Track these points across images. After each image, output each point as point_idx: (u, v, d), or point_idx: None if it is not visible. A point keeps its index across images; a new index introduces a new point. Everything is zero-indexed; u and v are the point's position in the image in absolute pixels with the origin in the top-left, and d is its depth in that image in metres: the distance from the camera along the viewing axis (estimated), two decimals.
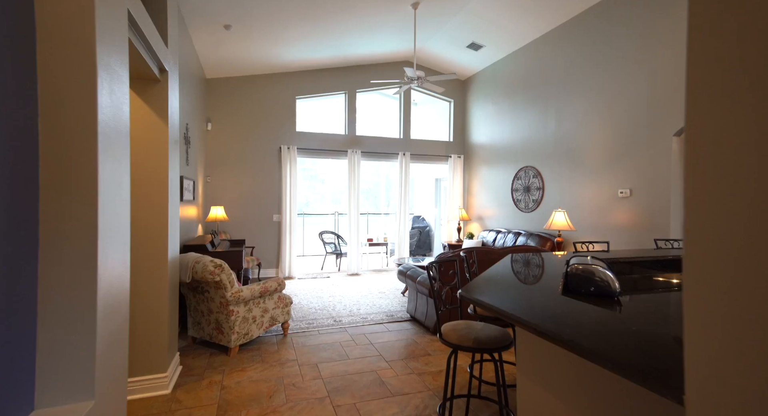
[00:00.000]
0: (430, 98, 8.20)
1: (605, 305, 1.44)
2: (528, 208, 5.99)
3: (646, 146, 4.13)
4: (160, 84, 2.46)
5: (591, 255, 2.25)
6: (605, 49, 4.63)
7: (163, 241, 2.49)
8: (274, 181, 6.69)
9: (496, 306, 1.28)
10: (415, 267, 4.37)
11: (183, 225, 4.19)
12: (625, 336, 1.03)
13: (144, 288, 2.44)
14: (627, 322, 1.19)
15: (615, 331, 1.07)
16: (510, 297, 1.42)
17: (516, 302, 1.35)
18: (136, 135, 2.39)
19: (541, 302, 1.38)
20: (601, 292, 1.72)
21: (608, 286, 1.71)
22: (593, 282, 1.75)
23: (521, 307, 1.28)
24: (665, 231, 3.89)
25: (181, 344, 3.41)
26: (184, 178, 4.10)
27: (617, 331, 1.08)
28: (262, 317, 3.38)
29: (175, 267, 2.78)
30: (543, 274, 1.91)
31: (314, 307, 4.71)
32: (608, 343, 0.95)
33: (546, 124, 5.65)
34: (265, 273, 6.63)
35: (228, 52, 5.46)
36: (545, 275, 1.90)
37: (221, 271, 3.04)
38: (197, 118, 5.28)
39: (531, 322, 1.11)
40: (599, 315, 1.22)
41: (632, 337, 1.02)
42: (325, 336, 3.68)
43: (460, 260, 2.66)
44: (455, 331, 1.78)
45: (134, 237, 2.39)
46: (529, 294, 1.48)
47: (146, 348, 2.45)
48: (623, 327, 1.13)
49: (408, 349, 3.36)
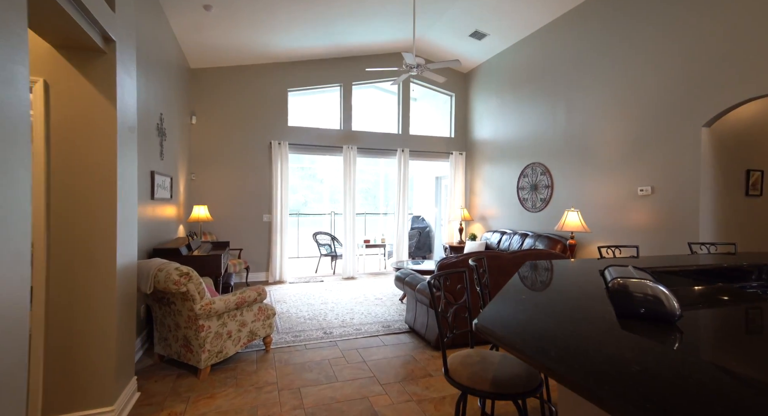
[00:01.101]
0: (429, 92, 7.78)
1: (670, 337, 1.02)
2: (535, 207, 5.57)
3: (669, 139, 3.72)
4: (105, 57, 2.04)
5: (630, 264, 1.84)
6: (620, 35, 4.22)
7: (109, 246, 2.07)
8: (265, 179, 6.27)
9: (533, 354, 0.86)
10: (414, 273, 3.95)
11: (156, 226, 3.77)
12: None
13: (83, 304, 2.02)
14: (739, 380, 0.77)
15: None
16: (545, 328, 1.00)
17: (556, 338, 0.93)
18: (70, 117, 1.97)
19: (591, 335, 0.96)
20: (654, 315, 1.31)
21: (664, 307, 1.30)
22: (644, 302, 1.34)
23: (567, 351, 0.86)
24: (693, 233, 3.47)
25: (146, 363, 2.99)
26: (157, 173, 3.68)
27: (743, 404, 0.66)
28: (239, 332, 2.96)
29: (130, 277, 2.36)
30: (577, 290, 1.50)
31: (303, 316, 4.28)
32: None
33: (555, 118, 5.23)
34: (254, 277, 6.20)
35: (211, 38, 5.03)
36: (580, 290, 1.48)
37: (188, 280, 2.61)
38: (178, 109, 4.86)
39: (596, 392, 0.69)
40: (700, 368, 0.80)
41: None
42: (313, 352, 3.26)
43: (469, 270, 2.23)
44: (466, 366, 1.36)
45: (66, 243, 1.97)
46: (571, 326, 1.06)
47: (87, 377, 2.02)
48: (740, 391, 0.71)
49: (406, 369, 2.94)
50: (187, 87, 5.61)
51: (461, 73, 7.45)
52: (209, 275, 3.62)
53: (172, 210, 4.47)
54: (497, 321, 1.04)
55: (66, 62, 1.97)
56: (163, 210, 4.02)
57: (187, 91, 5.60)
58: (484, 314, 1.10)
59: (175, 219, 4.71)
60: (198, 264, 3.56)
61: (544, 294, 1.42)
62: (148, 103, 3.51)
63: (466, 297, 1.62)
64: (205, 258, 3.61)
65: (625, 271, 1.67)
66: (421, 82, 7.17)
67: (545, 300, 1.33)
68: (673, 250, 3.59)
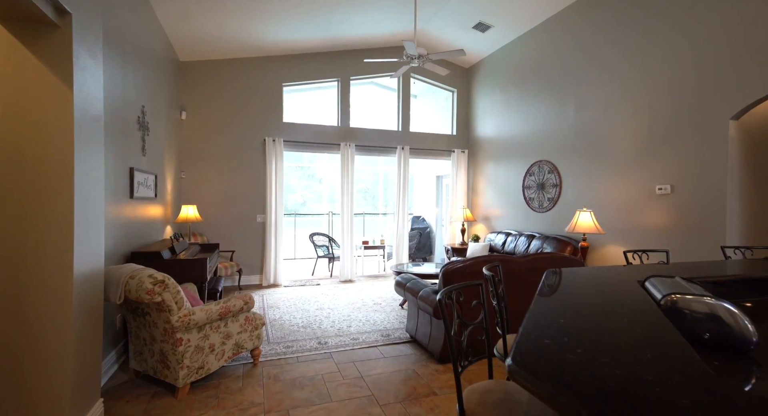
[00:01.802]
0: (430, 89, 7.50)
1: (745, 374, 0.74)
2: (542, 207, 5.29)
3: (692, 133, 3.44)
4: (59, 32, 1.75)
5: (676, 275, 1.56)
6: (634, 24, 3.94)
7: (64, 251, 1.78)
8: (258, 177, 5.98)
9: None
10: (415, 277, 3.67)
11: (137, 227, 3.48)
12: None
13: (32, 319, 1.73)
14: None
15: None
16: (608, 376, 0.72)
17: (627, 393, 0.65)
18: (15, 101, 1.68)
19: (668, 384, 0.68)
20: (722, 341, 1.05)
21: (733, 331, 1.03)
22: (709, 325, 1.08)
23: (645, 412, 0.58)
24: (719, 235, 3.19)
25: (120, 379, 2.70)
26: (138, 170, 3.39)
27: None
28: (223, 345, 2.68)
29: (94, 285, 2.07)
30: (625, 310, 1.21)
31: (297, 324, 4.00)
32: None
33: (563, 114, 4.95)
34: (247, 281, 5.91)
35: (201, 27, 4.74)
36: (629, 311, 1.20)
37: (163, 289, 2.32)
38: (165, 103, 4.57)
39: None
40: None
41: None
42: (306, 366, 2.97)
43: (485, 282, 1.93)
44: (487, 408, 1.08)
45: (9, 249, 1.68)
46: (639, 369, 0.78)
47: (35, 401, 1.74)
48: None
49: (408, 385, 2.65)
50: (176, 80, 5.32)
51: (463, 68, 7.17)
52: (193, 281, 3.33)
53: (157, 211, 4.18)
54: (541, 365, 0.76)
55: (10, 37, 1.68)
56: (145, 210, 3.73)
57: (176, 85, 5.31)
58: (522, 349, 0.82)
59: (162, 219, 4.42)
60: (180, 268, 3.27)
61: (589, 318, 1.13)
62: (127, 93, 3.23)
63: (483, 315, 1.34)
64: (188, 262, 3.32)
65: (675, 285, 1.39)
66: (422, 77, 6.89)
67: (591, 326, 1.05)
68: (698, 254, 3.31)
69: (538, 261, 3.15)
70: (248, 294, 2.90)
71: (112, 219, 2.89)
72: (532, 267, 3.12)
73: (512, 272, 3.02)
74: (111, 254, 2.84)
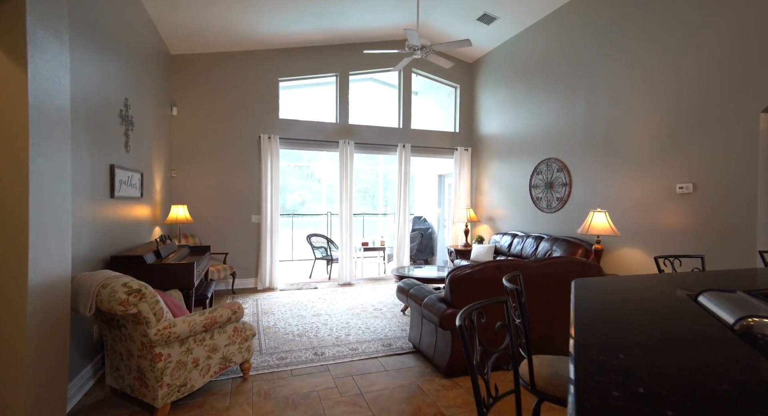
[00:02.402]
0: (432, 85, 7.26)
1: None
2: (551, 207, 5.05)
3: (717, 128, 3.20)
4: (9, 4, 1.50)
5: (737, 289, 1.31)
6: (651, 13, 3.70)
7: (16, 259, 1.54)
8: (253, 176, 5.73)
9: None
10: (418, 283, 3.43)
11: (119, 229, 3.23)
12: None
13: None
14: None
15: None
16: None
17: None
18: None
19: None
20: None
21: None
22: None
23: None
24: (748, 238, 2.95)
25: (96, 397, 2.45)
26: (120, 167, 3.15)
27: None
28: (208, 359, 2.43)
29: (57, 296, 1.83)
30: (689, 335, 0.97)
31: (292, 332, 3.75)
32: None
33: (573, 109, 4.71)
34: (241, 284, 5.67)
35: (191, 17, 4.49)
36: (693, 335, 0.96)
37: (139, 299, 2.08)
38: (154, 98, 4.32)
39: None
40: None
41: None
42: (300, 380, 2.73)
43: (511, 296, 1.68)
44: None
45: None
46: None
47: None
48: None
49: (412, 404, 2.41)
50: (167, 74, 5.07)
51: (466, 63, 6.92)
52: (179, 287, 3.09)
53: (143, 211, 3.94)
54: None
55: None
56: (129, 210, 3.49)
57: (166, 79, 5.07)
58: (586, 412, 0.57)
59: (149, 220, 4.17)
60: (165, 274, 3.02)
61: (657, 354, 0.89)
62: (107, 85, 2.98)
63: (508, 340, 1.10)
64: (173, 268, 3.07)
65: (742, 302, 1.14)
66: (424, 72, 6.64)
67: (665, 366, 0.80)
68: (725, 258, 3.06)
69: (552, 266, 2.91)
70: (237, 302, 2.65)
71: (89, 220, 2.65)
72: (546, 273, 2.87)
73: (524, 277, 2.78)
74: (86, 259, 2.60)
